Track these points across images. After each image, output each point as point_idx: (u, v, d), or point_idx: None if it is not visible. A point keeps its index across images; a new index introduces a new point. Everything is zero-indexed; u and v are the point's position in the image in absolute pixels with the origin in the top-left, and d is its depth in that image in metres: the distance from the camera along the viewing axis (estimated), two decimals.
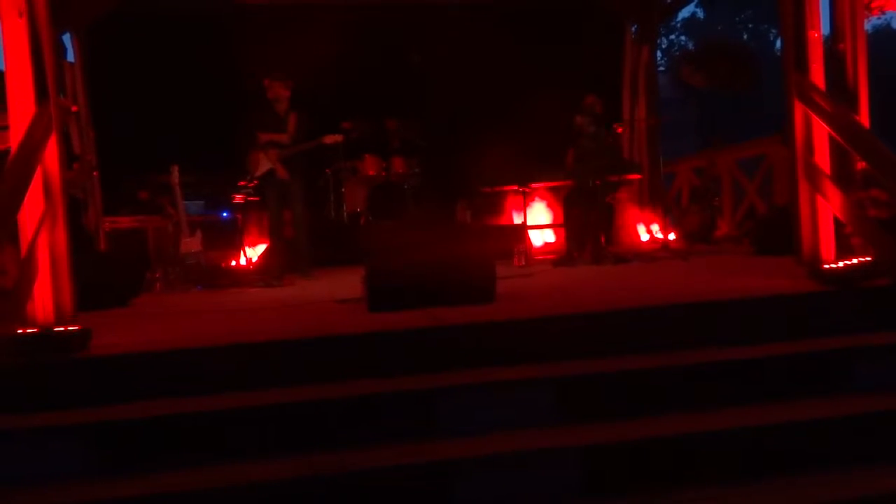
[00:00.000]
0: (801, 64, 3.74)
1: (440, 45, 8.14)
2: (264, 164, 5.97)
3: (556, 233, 7.32)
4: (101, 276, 4.35)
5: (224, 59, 7.67)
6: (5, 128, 3.24)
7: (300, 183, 6.00)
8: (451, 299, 3.37)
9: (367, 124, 7.53)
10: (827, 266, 3.39)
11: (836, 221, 3.66)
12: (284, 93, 5.96)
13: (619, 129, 7.31)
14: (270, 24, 7.89)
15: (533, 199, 7.28)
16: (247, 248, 6.39)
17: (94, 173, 6.96)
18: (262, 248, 6.67)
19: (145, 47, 7.72)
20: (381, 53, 8.18)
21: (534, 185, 6.42)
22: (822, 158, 3.71)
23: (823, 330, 3.04)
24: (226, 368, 2.73)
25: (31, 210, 3.10)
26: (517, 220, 7.59)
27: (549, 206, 7.49)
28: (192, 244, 5.97)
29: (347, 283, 4.60)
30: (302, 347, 2.83)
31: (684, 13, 25.34)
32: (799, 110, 3.76)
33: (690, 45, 25.90)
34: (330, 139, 5.97)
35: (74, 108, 6.17)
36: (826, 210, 3.66)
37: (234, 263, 6.24)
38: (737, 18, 25.89)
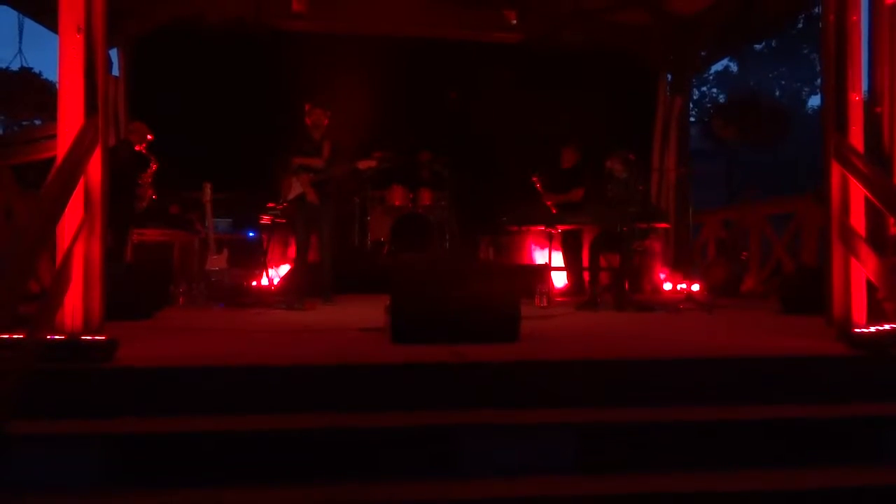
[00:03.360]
0: (841, 125, 3.74)
1: (477, 83, 8.27)
2: (296, 188, 6.05)
3: (567, 276, 7.29)
4: (127, 288, 4.41)
5: (263, 81, 7.87)
6: (52, 136, 3.32)
7: (330, 208, 6.06)
8: (474, 336, 3.36)
9: (399, 155, 7.61)
10: (858, 330, 3.34)
11: (869, 285, 3.62)
12: (323, 120, 6.07)
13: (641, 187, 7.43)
14: (310, 51, 8.07)
15: (557, 241, 7.29)
16: (271, 269, 6.44)
17: (153, 196, 7.08)
18: (285, 269, 6.73)
19: (187, 65, 7.91)
20: (418, 86, 8.32)
21: (561, 227, 6.41)
22: (858, 220, 3.69)
23: (852, 395, 2.99)
24: (246, 389, 2.74)
25: (71, 219, 3.16)
26: (540, 260, 7.60)
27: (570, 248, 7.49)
28: (218, 261, 6.03)
29: (369, 312, 4.61)
30: (324, 374, 2.83)
31: (717, 66, 25.45)
32: (836, 171, 3.75)
33: (722, 98, 25.98)
34: (364, 164, 6.04)
35: (150, 137, 6.30)
36: (859, 272, 3.63)
37: (257, 283, 6.28)
38: (770, 74, 25.97)
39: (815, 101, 25.65)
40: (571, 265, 6.87)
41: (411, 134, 8.13)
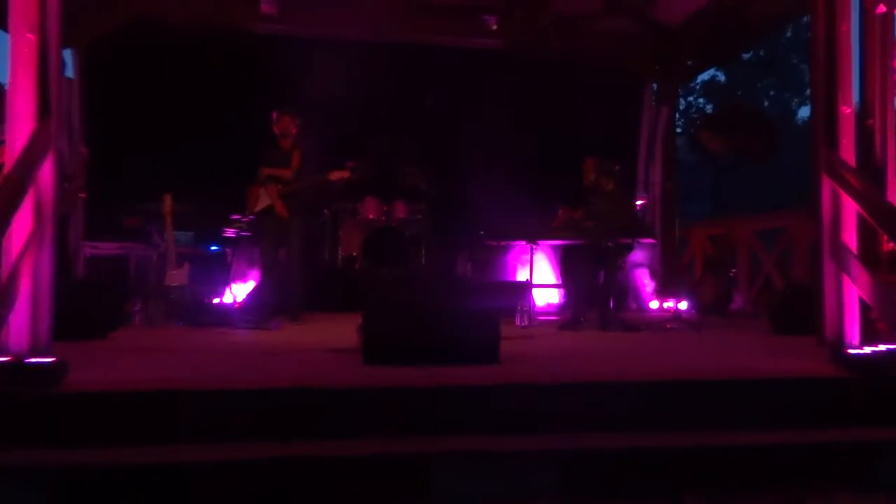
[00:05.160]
0: (832, 139, 3.81)
1: (455, 91, 8.31)
2: (263, 200, 6.00)
3: (561, 293, 7.32)
4: (79, 306, 4.33)
5: (230, 87, 7.81)
6: (1, 142, 3.26)
7: (299, 221, 6.03)
8: (452, 357, 3.34)
9: (373, 165, 7.60)
10: (851, 351, 3.38)
11: (862, 304, 3.67)
12: (292, 128, 6.05)
13: (644, 200, 7.50)
14: (280, 56, 8.05)
15: (539, 256, 7.31)
16: (235, 286, 6.37)
17: (82, 195, 6.97)
18: (251, 286, 6.65)
19: (148, 68, 7.82)
20: (394, 94, 8.33)
21: (542, 242, 6.43)
22: (850, 237, 3.75)
23: (845, 419, 3.01)
24: (201, 416, 2.68)
25: (19, 231, 3.09)
26: (521, 276, 7.61)
27: (554, 264, 7.52)
28: (178, 277, 5.94)
29: (340, 332, 4.56)
30: (290, 398, 2.79)
31: (704, 75, 25.83)
32: (827, 186, 3.81)
33: (709, 109, 26.37)
34: (336, 175, 6.01)
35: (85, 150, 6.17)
36: (852, 291, 3.67)
37: (220, 301, 6.20)
38: (759, 84, 26.42)
39: (805, 112, 26.16)
40: (572, 284, 6.84)
41: (386, 143, 8.12)
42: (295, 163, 6.04)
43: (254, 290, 6.23)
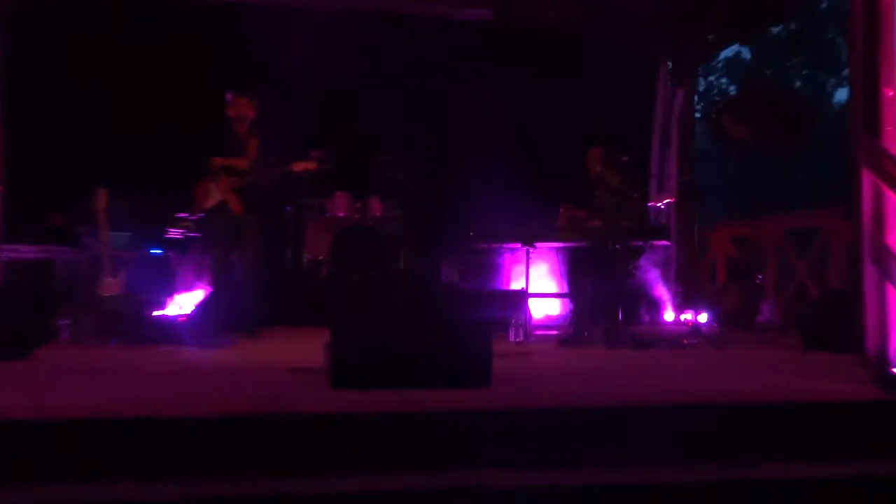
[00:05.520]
0: (872, 126, 3.84)
1: (440, 70, 8.30)
2: (215, 195, 5.98)
3: (562, 303, 7.35)
4: None
5: (177, 65, 7.77)
6: None
7: (256, 220, 6.02)
8: (435, 379, 3.33)
9: (344, 154, 7.58)
10: None
11: None
12: (249, 112, 6.04)
13: (671, 199, 7.47)
14: (234, 28, 8.01)
15: (537, 261, 7.32)
16: (181, 296, 6.34)
17: None
18: (199, 296, 6.62)
19: (80, 44, 7.74)
20: (369, 73, 8.32)
21: (540, 244, 6.44)
22: (894, 239, 3.78)
23: (889, 450, 3.04)
24: (139, 450, 2.67)
25: None
26: (516, 285, 7.61)
27: (556, 269, 7.54)
28: (113, 286, 5.91)
29: (304, 349, 4.54)
30: (244, 427, 2.78)
31: (727, 52, 26.02)
32: (867, 180, 3.84)
33: (732, 90, 26.57)
34: (300, 166, 6.02)
35: None
36: None
37: (163, 314, 6.17)
38: (789, 63, 26.66)
39: (842, 94, 26.38)
40: (574, 293, 6.82)
41: (359, 130, 8.11)
42: (252, 152, 6.02)
43: (203, 300, 6.20)
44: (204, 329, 5.60)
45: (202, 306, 6.13)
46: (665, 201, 7.84)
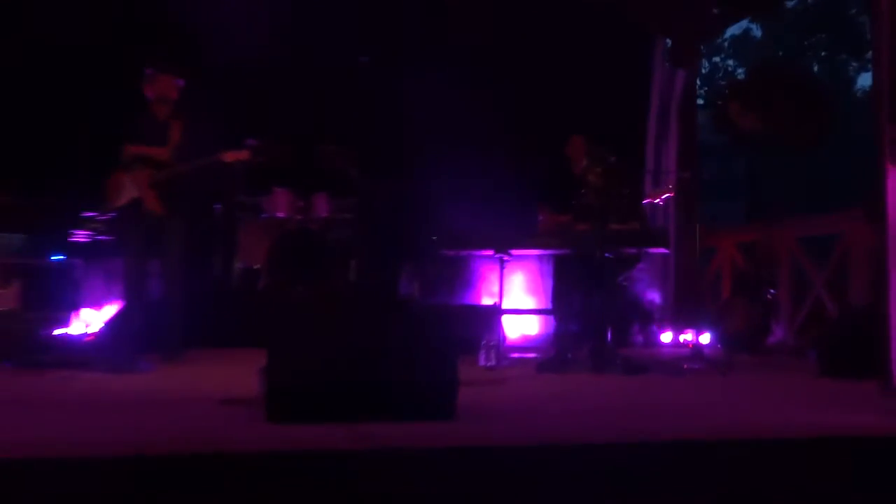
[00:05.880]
0: None
1: (400, 45, 8.30)
2: (129, 191, 5.92)
3: (542, 321, 7.37)
4: None
5: (83, 35, 7.66)
6: None
7: (179, 221, 5.98)
8: (390, 411, 3.32)
9: (284, 144, 7.54)
10: None
11: None
12: (172, 92, 5.99)
13: (670, 194, 7.45)
14: None
15: (513, 271, 7.34)
16: (87, 311, 6.27)
17: None
18: (110, 312, 6.56)
19: None
20: (316, 47, 8.29)
21: (517, 252, 6.45)
22: None
23: None
24: (33, 498, 2.61)
25: None
26: (488, 299, 7.63)
27: (535, 281, 7.57)
28: (4, 299, 5.85)
29: (234, 376, 4.55)
30: (150, 471, 2.73)
31: (734, 29, 26.36)
32: (893, 178, 3.90)
33: (740, 73, 26.94)
34: (232, 157, 5.97)
35: None
36: None
37: (65, 332, 6.10)
38: (805, 42, 27.09)
39: (866, 79, 26.83)
40: (556, 310, 6.82)
41: (304, 115, 8.08)
42: (175, 138, 5.98)
43: (114, 317, 6.13)
44: (115, 351, 5.55)
45: (113, 324, 6.07)
46: (664, 196, 7.79)
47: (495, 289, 6.65)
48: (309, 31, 8.34)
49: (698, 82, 10.25)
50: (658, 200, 7.47)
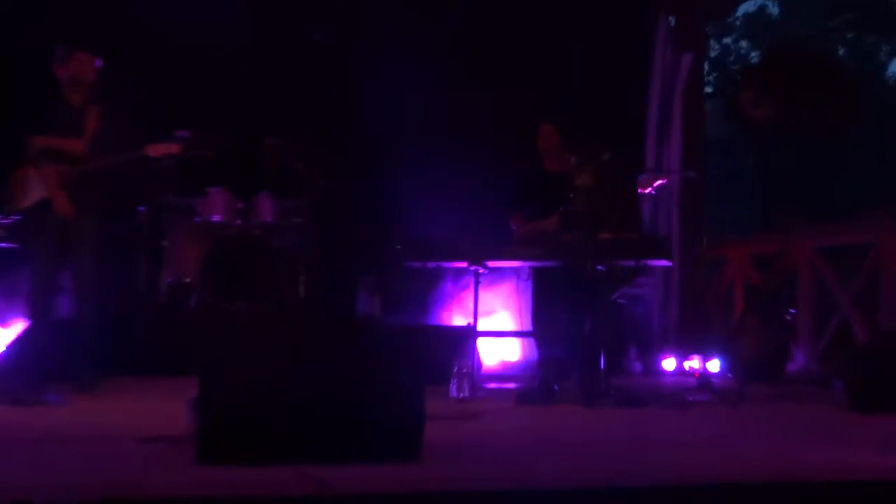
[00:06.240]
0: None
1: (358, 20, 8.31)
2: (36, 190, 5.90)
3: (524, 345, 7.39)
4: None
5: None
6: None
7: (94, 226, 5.96)
8: (344, 451, 3.32)
9: (220, 137, 7.52)
10: None
11: None
12: (89, 73, 5.97)
13: (663, 181, 7.43)
14: None
15: (488, 288, 7.35)
16: None
17: None
18: (12, 333, 6.53)
19: None
20: (262, 23, 8.29)
21: (494, 264, 6.47)
22: None
23: None
24: None
25: None
26: (460, 319, 7.63)
27: (516, 298, 7.58)
28: None
29: (162, 409, 4.55)
30: None
31: (748, 5, 26.59)
32: None
33: (754, 57, 27.18)
34: (160, 151, 5.96)
35: None
36: None
37: None
38: (830, 24, 27.36)
39: None
40: (539, 332, 6.82)
41: (245, 103, 8.07)
42: (91, 128, 5.96)
43: (16, 339, 6.10)
44: (17, 379, 5.50)
45: (15, 347, 6.02)
46: (657, 184, 7.69)
47: (469, 307, 6.67)
48: (252, 3, 8.33)
49: (706, 67, 10.33)
50: (650, 189, 7.47)
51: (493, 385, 6.54)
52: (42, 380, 5.49)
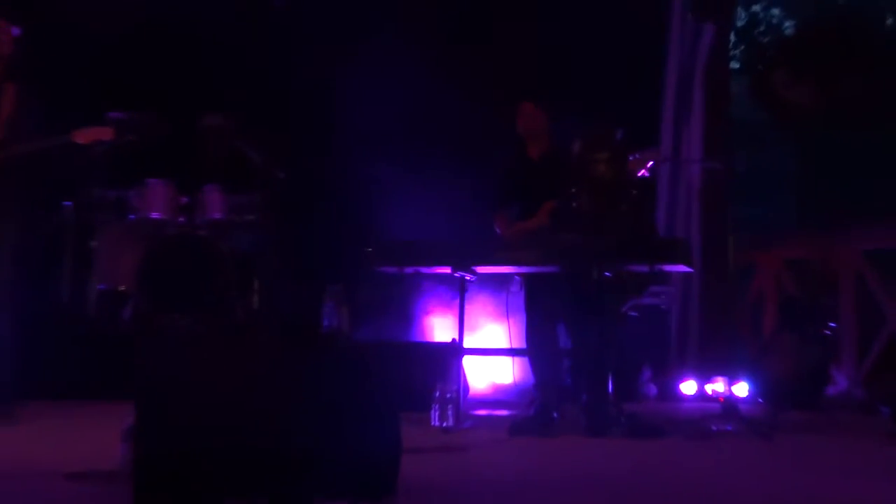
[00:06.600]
0: None
1: None
2: None
3: (519, 365, 7.39)
4: None
5: None
6: None
7: (11, 225, 5.97)
8: (306, 489, 3.32)
9: (160, 120, 7.51)
10: None
11: None
12: (4, 44, 5.95)
13: (653, 161, 7.33)
14: None
15: (476, 297, 7.37)
16: None
17: None
18: None
19: None
20: None
21: (483, 269, 6.48)
22: None
23: None
24: None
25: None
26: (443, 335, 7.63)
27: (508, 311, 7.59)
28: None
29: (91, 440, 4.59)
30: None
31: None
32: None
33: (788, 28, 27.31)
34: (88, 136, 5.96)
35: None
36: None
37: None
38: None
39: None
40: (536, 349, 6.82)
41: (190, 79, 8.06)
42: (7, 110, 5.94)
43: None
44: None
45: None
46: (649, 164, 7.37)
47: (454, 320, 6.67)
48: None
49: (732, 40, 10.35)
50: (643, 171, 7.34)
51: (481, 412, 6.55)
52: None
